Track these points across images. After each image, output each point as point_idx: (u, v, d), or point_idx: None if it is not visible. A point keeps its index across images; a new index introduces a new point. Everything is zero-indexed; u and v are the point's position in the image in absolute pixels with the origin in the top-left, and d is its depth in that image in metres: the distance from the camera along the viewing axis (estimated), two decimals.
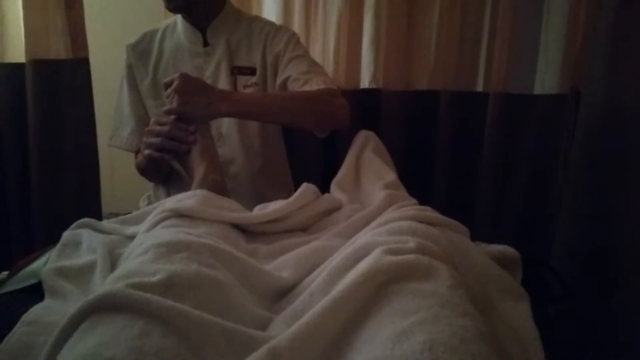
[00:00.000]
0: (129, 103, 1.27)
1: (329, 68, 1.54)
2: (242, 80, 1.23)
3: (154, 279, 0.54)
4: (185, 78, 0.98)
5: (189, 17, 1.22)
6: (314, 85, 1.12)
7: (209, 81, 1.18)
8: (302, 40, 1.49)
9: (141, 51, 1.26)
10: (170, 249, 0.61)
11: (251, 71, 1.23)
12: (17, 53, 1.49)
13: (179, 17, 1.25)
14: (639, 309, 0.99)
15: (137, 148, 1.24)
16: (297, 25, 1.53)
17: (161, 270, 0.56)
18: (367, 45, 1.52)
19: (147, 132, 1.03)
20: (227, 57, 1.22)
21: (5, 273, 0.85)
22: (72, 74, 1.48)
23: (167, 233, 0.68)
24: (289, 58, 1.20)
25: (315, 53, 1.55)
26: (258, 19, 1.30)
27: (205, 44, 1.24)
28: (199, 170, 1.00)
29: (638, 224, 1.03)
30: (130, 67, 1.26)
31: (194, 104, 0.98)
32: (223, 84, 1.22)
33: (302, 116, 1.09)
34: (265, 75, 1.24)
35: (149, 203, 1.32)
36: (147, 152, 1.02)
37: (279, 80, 1.21)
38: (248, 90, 1.22)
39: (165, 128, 0.99)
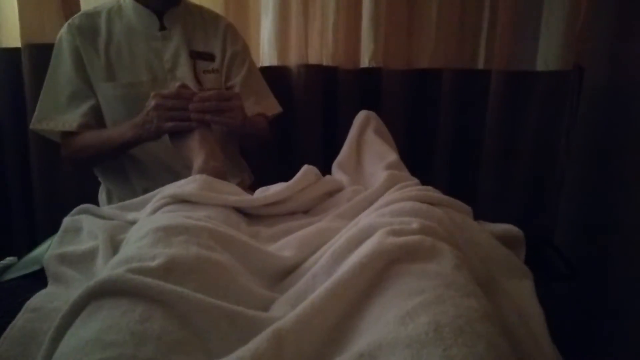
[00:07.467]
0: (80, 84, 1.20)
1: (328, 47, 1.52)
2: (202, 65, 1.27)
3: (153, 263, 0.53)
4: (240, 97, 1.11)
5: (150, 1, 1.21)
6: (262, 110, 1.33)
7: (168, 64, 1.23)
8: (300, 18, 1.50)
9: (87, 32, 1.21)
10: (169, 232, 0.60)
11: (210, 57, 1.29)
12: (12, 38, 1.48)
13: (125, 0, 1.23)
14: None
15: (84, 129, 1.18)
16: (294, 3, 1.50)
17: (160, 254, 0.55)
18: (366, 23, 1.50)
19: (157, 107, 1.03)
20: (185, 41, 1.24)
21: (13, 258, 0.85)
22: None
23: (165, 217, 0.67)
24: (244, 78, 1.31)
25: (314, 32, 1.53)
26: (204, 8, 1.35)
27: (162, 28, 1.23)
28: (198, 157, 1.00)
29: None
30: (76, 49, 1.20)
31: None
32: (183, 67, 1.23)
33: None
34: (223, 64, 1.31)
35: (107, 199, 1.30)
36: (171, 124, 1.03)
37: (229, 84, 1.32)
38: (208, 76, 1.27)
39: (177, 102, 1.03)
